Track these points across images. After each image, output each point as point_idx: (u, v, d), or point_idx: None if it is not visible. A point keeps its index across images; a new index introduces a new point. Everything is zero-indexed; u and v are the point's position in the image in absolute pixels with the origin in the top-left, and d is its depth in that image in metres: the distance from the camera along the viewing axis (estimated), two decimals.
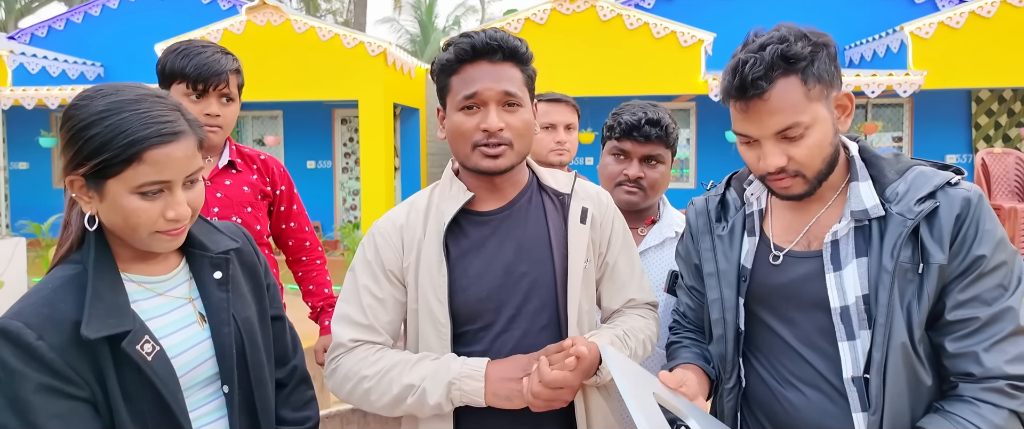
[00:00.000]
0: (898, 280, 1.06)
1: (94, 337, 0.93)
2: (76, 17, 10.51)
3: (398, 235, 1.25)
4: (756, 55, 1.06)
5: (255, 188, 1.90)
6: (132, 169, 0.94)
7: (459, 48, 1.19)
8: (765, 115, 1.07)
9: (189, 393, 1.06)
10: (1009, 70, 7.26)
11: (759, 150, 1.12)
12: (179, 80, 1.68)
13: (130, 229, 0.98)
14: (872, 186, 1.13)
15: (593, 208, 1.30)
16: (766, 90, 1.06)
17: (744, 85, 1.07)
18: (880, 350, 1.07)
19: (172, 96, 1.02)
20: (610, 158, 1.69)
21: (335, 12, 23.07)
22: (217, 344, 1.08)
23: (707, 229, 1.31)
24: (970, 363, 1.03)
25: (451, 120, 1.21)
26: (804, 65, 1.06)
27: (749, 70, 1.06)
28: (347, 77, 7.87)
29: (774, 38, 1.07)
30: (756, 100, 1.07)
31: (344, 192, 10.11)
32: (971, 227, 1.05)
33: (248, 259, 1.19)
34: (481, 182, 1.24)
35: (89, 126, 0.95)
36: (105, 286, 0.98)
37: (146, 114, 0.95)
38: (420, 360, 1.18)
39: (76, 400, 0.94)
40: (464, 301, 1.20)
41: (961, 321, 1.04)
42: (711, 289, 1.27)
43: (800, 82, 1.06)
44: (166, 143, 0.96)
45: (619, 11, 7.55)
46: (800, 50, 1.05)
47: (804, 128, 1.07)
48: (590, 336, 1.21)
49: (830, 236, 1.13)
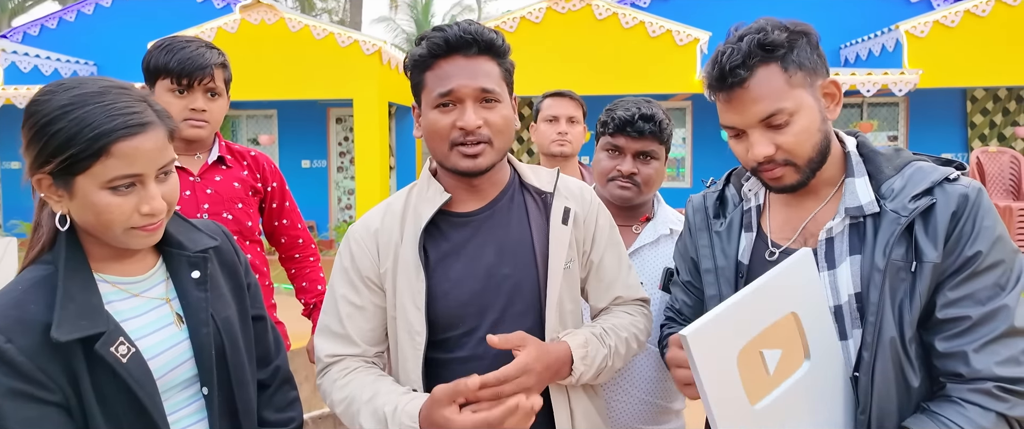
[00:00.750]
0: (890, 279, 1.04)
1: (65, 340, 0.90)
2: (69, 16, 10.46)
3: (373, 240, 1.21)
4: (734, 45, 1.07)
5: (245, 184, 1.88)
6: (100, 164, 0.91)
7: (432, 43, 1.14)
8: (748, 103, 1.07)
9: (167, 396, 1.03)
10: (1004, 69, 7.27)
11: (747, 141, 1.11)
12: (163, 76, 1.67)
13: (103, 227, 0.95)
14: (868, 182, 1.11)
15: (576, 206, 1.26)
16: (745, 78, 1.06)
17: (723, 74, 1.07)
18: (869, 350, 1.05)
19: (138, 88, 1.00)
20: (603, 154, 1.68)
21: (330, 11, 23.01)
22: (195, 345, 1.06)
23: (705, 225, 1.29)
24: (959, 363, 1.01)
25: (426, 118, 1.17)
26: (783, 52, 1.06)
27: (727, 59, 1.07)
28: (342, 76, 7.85)
29: (751, 29, 1.08)
30: (737, 89, 1.07)
31: (339, 191, 10.08)
32: (967, 224, 1.02)
33: (228, 258, 1.16)
34: (460, 182, 1.21)
35: (52, 121, 0.91)
36: (76, 287, 0.95)
37: (111, 106, 0.92)
38: (372, 398, 1.11)
39: (48, 405, 0.92)
40: (445, 306, 1.17)
41: (952, 320, 1.02)
42: (709, 286, 1.25)
43: (780, 69, 1.06)
44: (134, 135, 0.93)
45: (615, 9, 7.54)
46: (777, 37, 1.06)
47: (788, 115, 1.06)
48: (564, 335, 1.18)
49: (825, 233, 1.11)
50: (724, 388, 0.94)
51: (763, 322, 0.99)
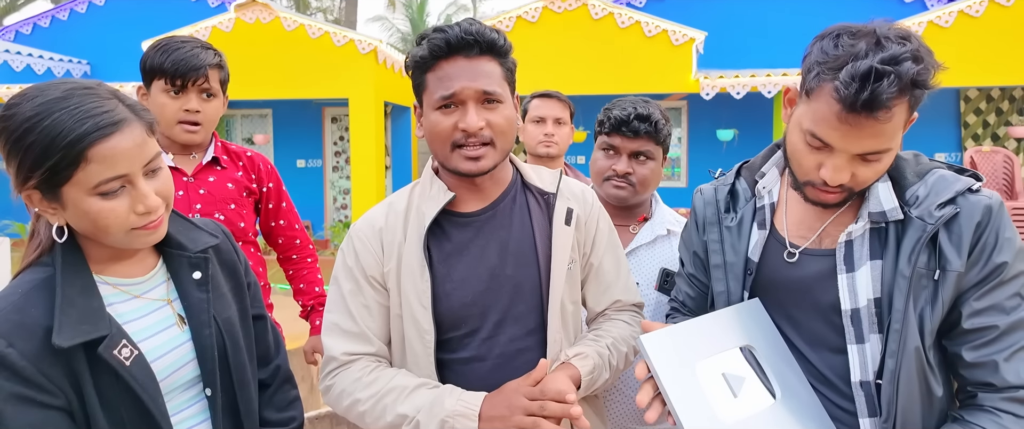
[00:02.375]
0: (913, 286, 1.03)
1: (67, 345, 0.89)
2: (62, 14, 10.39)
3: (377, 239, 1.21)
4: (894, 70, 0.91)
5: (240, 185, 1.87)
6: (82, 171, 0.89)
7: (433, 44, 1.13)
8: (866, 137, 0.96)
9: (170, 397, 1.03)
10: (997, 69, 7.30)
11: (828, 159, 1.02)
12: (159, 76, 1.67)
13: (102, 232, 0.94)
14: (891, 188, 1.09)
15: (578, 208, 1.26)
16: (890, 111, 0.94)
17: (872, 103, 0.92)
18: (894, 357, 1.04)
19: (105, 86, 0.97)
20: (600, 153, 1.68)
21: (326, 10, 22.94)
22: (198, 346, 1.05)
23: (716, 219, 1.26)
24: (989, 373, 1.01)
25: (428, 119, 1.16)
26: (920, 94, 0.95)
27: (885, 90, 0.91)
28: (337, 75, 7.82)
29: (908, 55, 0.93)
30: (868, 119, 0.94)
31: (334, 191, 10.05)
32: (991, 234, 1.02)
33: (228, 257, 1.16)
34: (462, 182, 1.20)
35: (22, 136, 0.89)
36: (76, 291, 0.94)
37: (78, 109, 0.89)
38: (417, 388, 1.12)
39: (50, 409, 0.91)
40: (448, 307, 1.17)
41: (979, 329, 1.02)
42: (717, 282, 1.24)
43: (908, 108, 0.97)
44: (108, 135, 0.89)
45: (611, 9, 7.54)
46: (928, 78, 0.94)
47: (886, 152, 1.00)
48: (574, 357, 1.17)
49: (845, 236, 1.10)
50: (686, 394, 1.03)
51: (719, 346, 1.11)
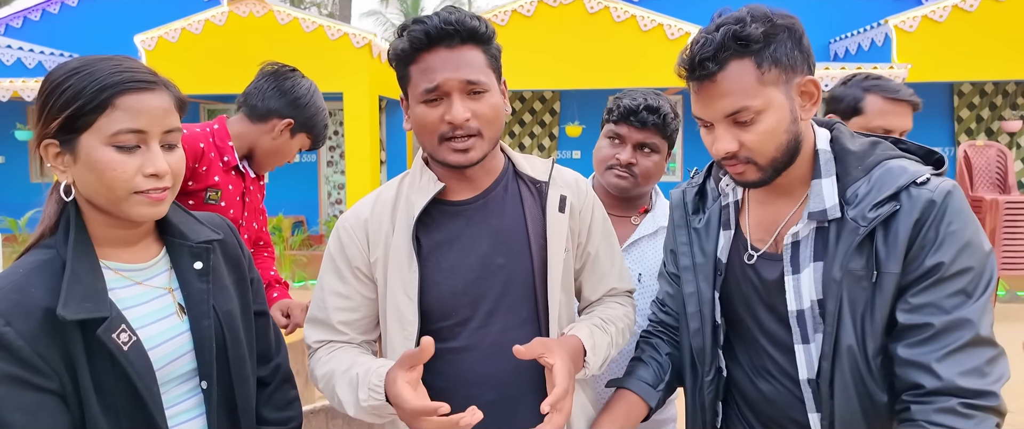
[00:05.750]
0: (848, 289, 1.02)
1: (71, 318, 0.88)
2: (52, 7, 10.29)
3: (363, 230, 1.20)
4: (709, 36, 1.02)
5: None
6: (105, 116, 0.92)
7: (413, 36, 1.11)
8: (715, 98, 1.04)
9: (165, 388, 1.01)
10: (991, 64, 7.33)
11: (713, 134, 1.08)
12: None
13: (106, 188, 0.93)
14: (835, 184, 1.07)
15: (572, 196, 1.25)
16: (715, 72, 1.02)
17: (693, 65, 1.04)
18: (828, 359, 1.05)
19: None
20: (605, 141, 1.67)
21: (320, 4, 22.82)
22: (196, 337, 1.04)
23: (684, 222, 1.27)
24: (921, 374, 0.96)
25: (414, 112, 1.15)
26: (758, 47, 1.00)
27: (699, 50, 1.02)
28: (331, 69, 7.77)
29: (730, 19, 1.03)
30: (707, 82, 1.04)
31: (329, 186, 10.01)
32: (930, 231, 0.98)
33: (232, 251, 1.14)
34: (452, 172, 1.19)
35: (62, 82, 0.93)
36: (84, 269, 0.93)
37: (118, 66, 0.95)
38: (349, 368, 1.13)
39: (44, 392, 0.89)
40: (438, 296, 1.16)
41: (914, 326, 0.98)
42: (687, 283, 1.24)
43: (753, 65, 1.01)
44: (139, 90, 0.94)
45: (606, 3, 7.51)
46: (754, 32, 1.00)
47: (754, 113, 1.02)
48: (569, 329, 1.18)
49: (790, 237, 1.09)
50: None
51: None
